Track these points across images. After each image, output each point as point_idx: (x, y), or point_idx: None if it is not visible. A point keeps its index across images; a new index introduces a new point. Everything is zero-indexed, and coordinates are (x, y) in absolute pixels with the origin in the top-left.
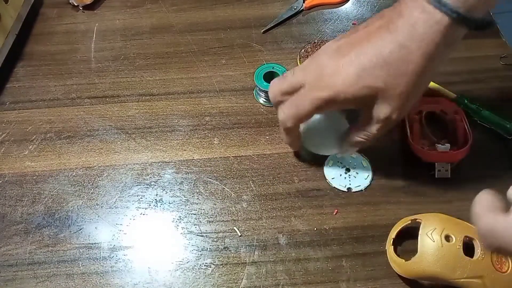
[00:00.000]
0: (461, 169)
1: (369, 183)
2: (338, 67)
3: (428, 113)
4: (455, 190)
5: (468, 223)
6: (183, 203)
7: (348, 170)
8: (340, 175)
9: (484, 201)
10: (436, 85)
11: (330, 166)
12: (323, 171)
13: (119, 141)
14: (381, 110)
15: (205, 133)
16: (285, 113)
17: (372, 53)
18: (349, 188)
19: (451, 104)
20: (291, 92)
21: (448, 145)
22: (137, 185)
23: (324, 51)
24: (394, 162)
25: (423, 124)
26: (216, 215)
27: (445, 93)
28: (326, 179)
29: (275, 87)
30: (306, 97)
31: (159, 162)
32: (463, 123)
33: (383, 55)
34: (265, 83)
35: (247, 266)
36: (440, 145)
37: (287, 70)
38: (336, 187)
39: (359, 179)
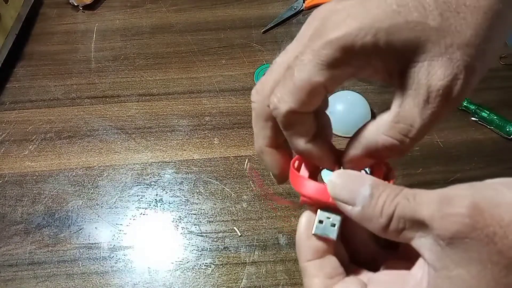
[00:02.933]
0: (461, 169)
1: None
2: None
3: None
4: None
5: None
6: (183, 203)
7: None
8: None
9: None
10: None
11: (327, 168)
12: (320, 174)
13: (119, 141)
14: (435, 73)
15: (205, 133)
16: (277, 96)
17: None
18: None
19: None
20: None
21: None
22: (137, 185)
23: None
24: (392, 162)
25: None
26: (216, 215)
27: None
28: (323, 181)
29: (260, 84)
30: (306, 55)
31: (159, 162)
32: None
33: None
34: None
35: (247, 266)
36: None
37: None
38: None
39: None
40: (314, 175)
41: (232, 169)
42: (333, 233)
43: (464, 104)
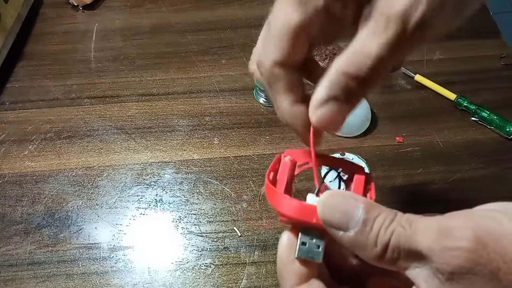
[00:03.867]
0: (461, 169)
1: None
2: None
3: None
4: (455, 190)
5: None
6: (183, 203)
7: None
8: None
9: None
10: (436, 85)
11: (327, 169)
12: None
13: (119, 141)
14: (396, 1)
15: (205, 133)
16: (261, 53)
17: None
18: None
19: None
20: None
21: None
22: (137, 185)
23: None
24: (392, 162)
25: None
26: (216, 215)
27: (445, 93)
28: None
29: (252, 54)
30: (278, 2)
31: (159, 162)
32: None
33: None
34: None
35: (247, 266)
36: (313, 195)
37: None
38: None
39: None
40: (290, 183)
41: (232, 169)
42: (318, 256)
43: (464, 104)
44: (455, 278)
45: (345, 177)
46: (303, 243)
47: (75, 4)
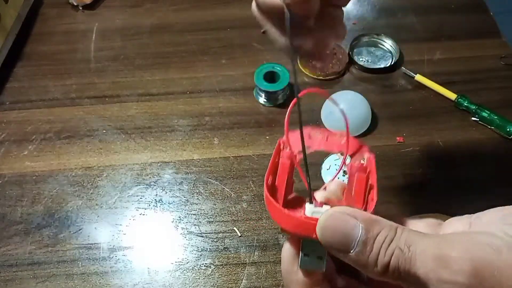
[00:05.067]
0: (461, 169)
1: None
2: None
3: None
4: (455, 190)
5: None
6: (183, 203)
7: (345, 172)
8: (338, 178)
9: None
10: (437, 85)
11: (327, 169)
12: (320, 175)
13: (118, 141)
14: None
15: (205, 133)
16: None
17: None
18: None
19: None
20: None
21: (328, 207)
22: (136, 186)
23: None
24: (392, 162)
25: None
26: (216, 216)
27: (445, 93)
28: (324, 182)
29: None
30: None
31: (158, 162)
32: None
33: None
34: (265, 83)
35: (247, 267)
36: (310, 204)
37: (287, 70)
38: None
39: None
40: (289, 187)
41: (232, 169)
42: (321, 266)
43: (465, 104)
44: None
45: (345, 179)
46: (306, 255)
47: (75, 4)
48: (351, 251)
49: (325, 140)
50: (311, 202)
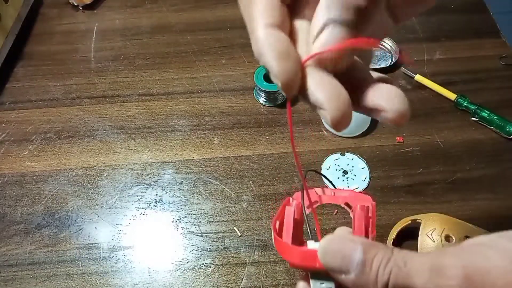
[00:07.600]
0: (461, 169)
1: (367, 185)
2: None
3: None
4: (455, 190)
5: (468, 223)
6: (183, 203)
7: (345, 172)
8: (338, 178)
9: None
10: (437, 85)
11: (328, 169)
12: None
13: (119, 141)
14: None
15: (205, 133)
16: None
17: None
18: None
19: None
20: None
21: None
22: (137, 185)
23: None
24: (392, 162)
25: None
26: (216, 215)
27: (445, 93)
28: (324, 182)
29: None
30: None
31: (159, 162)
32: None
33: None
34: (265, 83)
35: (247, 266)
36: (312, 241)
37: None
38: None
39: (357, 181)
40: (299, 228)
41: (232, 169)
42: None
43: (464, 104)
44: None
45: (345, 180)
46: None
47: (75, 4)
48: (352, 273)
49: (332, 195)
50: (315, 241)
